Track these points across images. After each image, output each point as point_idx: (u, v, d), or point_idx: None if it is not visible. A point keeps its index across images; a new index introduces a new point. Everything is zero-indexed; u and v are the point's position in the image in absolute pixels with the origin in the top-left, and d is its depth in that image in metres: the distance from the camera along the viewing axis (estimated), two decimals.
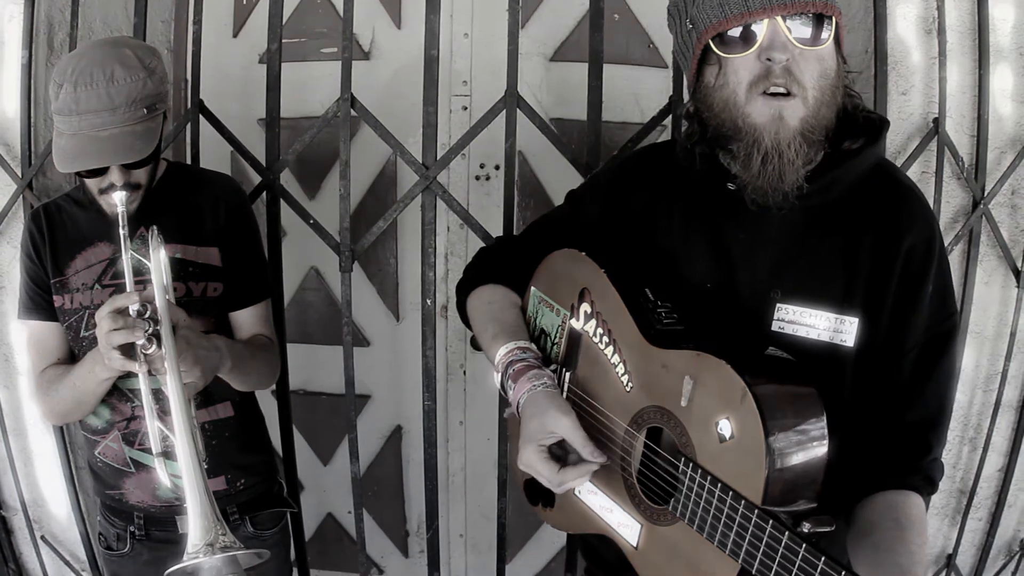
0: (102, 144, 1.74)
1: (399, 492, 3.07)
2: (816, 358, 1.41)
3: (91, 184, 1.83)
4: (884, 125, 1.49)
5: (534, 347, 1.61)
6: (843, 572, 1.11)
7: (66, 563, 2.85)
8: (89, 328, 1.88)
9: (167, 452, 1.67)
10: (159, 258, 1.74)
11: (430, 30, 2.22)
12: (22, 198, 2.51)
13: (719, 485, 1.27)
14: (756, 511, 1.21)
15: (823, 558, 1.13)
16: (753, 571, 1.22)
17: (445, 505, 2.96)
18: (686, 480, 1.33)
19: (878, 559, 1.33)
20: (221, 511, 1.99)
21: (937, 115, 2.43)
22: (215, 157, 2.49)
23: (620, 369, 1.49)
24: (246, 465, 2.09)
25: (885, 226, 1.44)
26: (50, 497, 2.80)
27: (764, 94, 1.35)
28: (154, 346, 1.63)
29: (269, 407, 2.42)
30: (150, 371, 1.67)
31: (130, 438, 1.96)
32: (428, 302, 2.32)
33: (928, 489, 1.45)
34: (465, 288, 1.80)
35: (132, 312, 1.63)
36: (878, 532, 1.37)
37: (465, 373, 2.93)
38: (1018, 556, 2.87)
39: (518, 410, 1.52)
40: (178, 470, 1.57)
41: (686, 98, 2.19)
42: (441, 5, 2.23)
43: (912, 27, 2.45)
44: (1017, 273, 2.59)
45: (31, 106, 2.48)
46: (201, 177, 2.09)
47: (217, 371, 1.81)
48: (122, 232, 1.73)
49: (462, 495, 3.04)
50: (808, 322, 1.44)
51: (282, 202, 2.37)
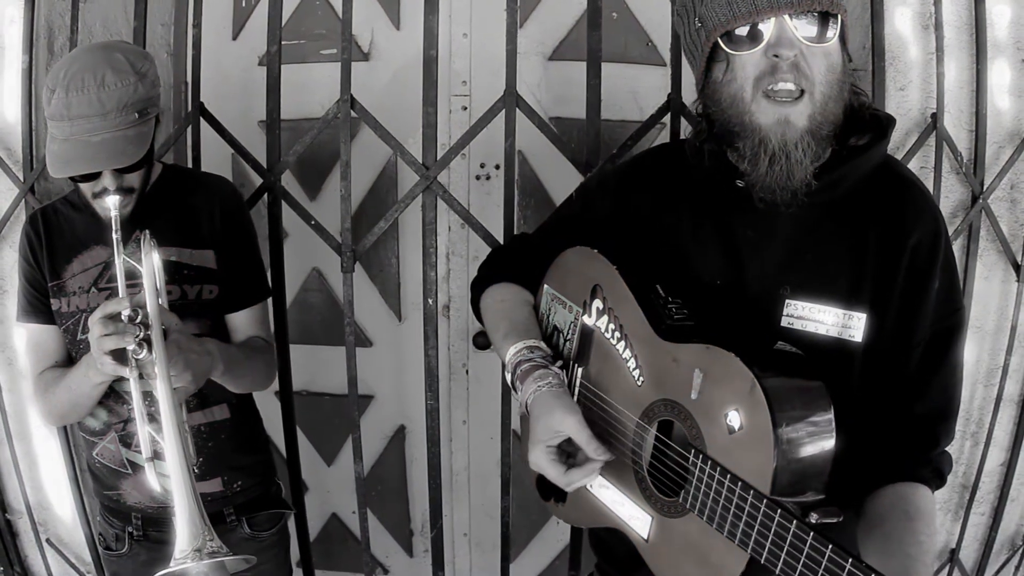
0: (93, 149, 1.75)
1: (403, 492, 3.07)
2: (825, 353, 1.42)
3: (84, 188, 1.84)
4: (891, 123, 1.50)
5: (544, 346, 1.62)
6: (850, 560, 1.13)
7: (72, 566, 2.85)
8: (86, 331, 1.88)
9: (157, 455, 1.68)
10: (151, 262, 1.74)
11: (429, 30, 2.23)
12: (24, 202, 2.51)
13: (728, 476, 1.28)
14: (765, 501, 1.23)
15: (830, 546, 1.15)
16: (762, 561, 1.24)
17: (449, 504, 2.96)
18: (696, 472, 1.34)
19: (888, 549, 1.34)
20: (217, 512, 2.02)
21: (935, 110, 2.43)
22: (216, 159, 2.50)
23: (631, 364, 1.50)
24: (243, 467, 2.09)
25: (891, 222, 1.45)
26: (55, 500, 2.80)
27: (769, 96, 1.37)
28: (145, 351, 1.63)
29: (272, 408, 2.44)
30: (141, 375, 1.67)
31: (127, 440, 1.97)
32: (430, 302, 2.32)
33: (936, 481, 1.46)
34: (479, 286, 1.82)
35: (124, 317, 1.64)
36: (887, 523, 1.39)
37: (468, 372, 2.93)
38: (1021, 550, 2.87)
39: (527, 410, 1.54)
40: (167, 473, 1.57)
41: (685, 96, 2.22)
42: (439, 5, 2.24)
43: (909, 23, 2.45)
44: (1017, 267, 2.59)
45: (32, 110, 2.48)
46: (196, 179, 2.10)
47: (209, 375, 1.81)
48: (114, 236, 1.73)
49: (466, 494, 3.05)
50: (816, 318, 1.46)
51: (283, 203, 2.38)
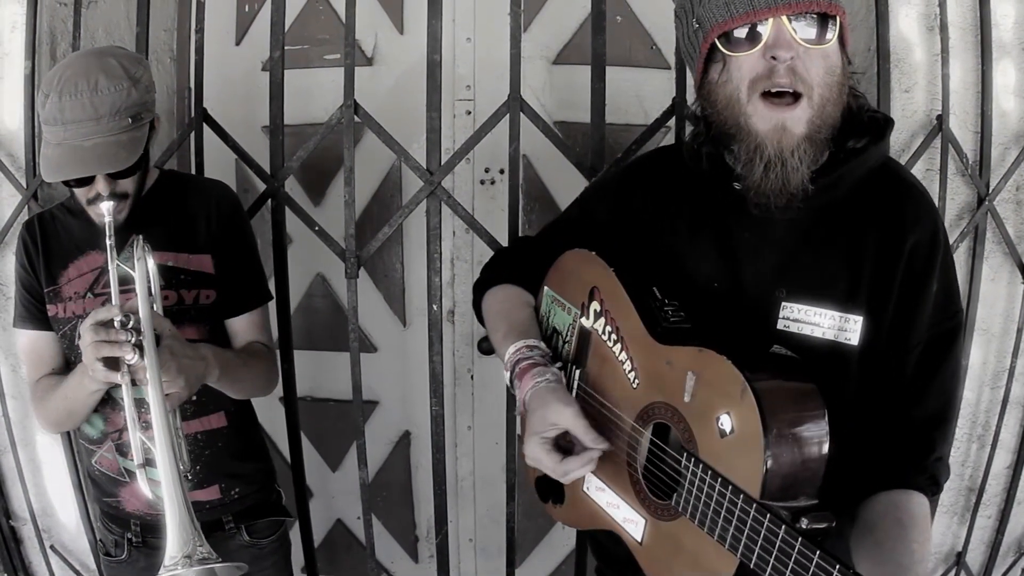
0: (86, 153, 1.74)
1: (408, 497, 3.07)
2: (821, 356, 1.42)
3: (79, 194, 1.84)
4: (889, 124, 1.49)
5: (543, 345, 1.62)
6: (837, 566, 1.12)
7: (75, 572, 2.84)
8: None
9: (149, 462, 1.67)
10: (144, 268, 1.73)
11: (432, 35, 2.22)
12: (27, 208, 2.51)
13: (719, 480, 1.28)
14: (754, 505, 1.23)
15: (818, 552, 1.14)
16: (751, 566, 1.24)
17: (454, 510, 2.96)
18: (688, 475, 1.34)
19: (880, 557, 1.33)
20: (216, 520, 2.02)
21: (940, 112, 2.43)
22: (219, 165, 2.50)
23: (627, 366, 1.50)
24: (241, 474, 2.08)
25: (889, 225, 1.45)
26: (59, 506, 2.80)
27: (766, 97, 1.36)
28: (136, 356, 1.63)
29: (277, 414, 2.43)
30: (134, 381, 1.66)
31: (124, 448, 1.96)
32: (435, 307, 2.32)
33: (932, 489, 1.45)
34: (481, 288, 1.82)
35: (115, 323, 1.63)
36: (880, 531, 1.38)
37: (473, 378, 2.93)
38: None
39: (524, 407, 1.54)
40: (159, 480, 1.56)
41: (690, 99, 2.21)
42: (443, 10, 2.24)
43: (914, 24, 2.45)
44: (1023, 269, 2.58)
45: (35, 116, 2.47)
46: (194, 184, 2.10)
47: (203, 381, 1.80)
48: (108, 242, 1.74)
49: (471, 500, 3.04)
50: (813, 321, 1.45)
51: (287, 209, 2.37)
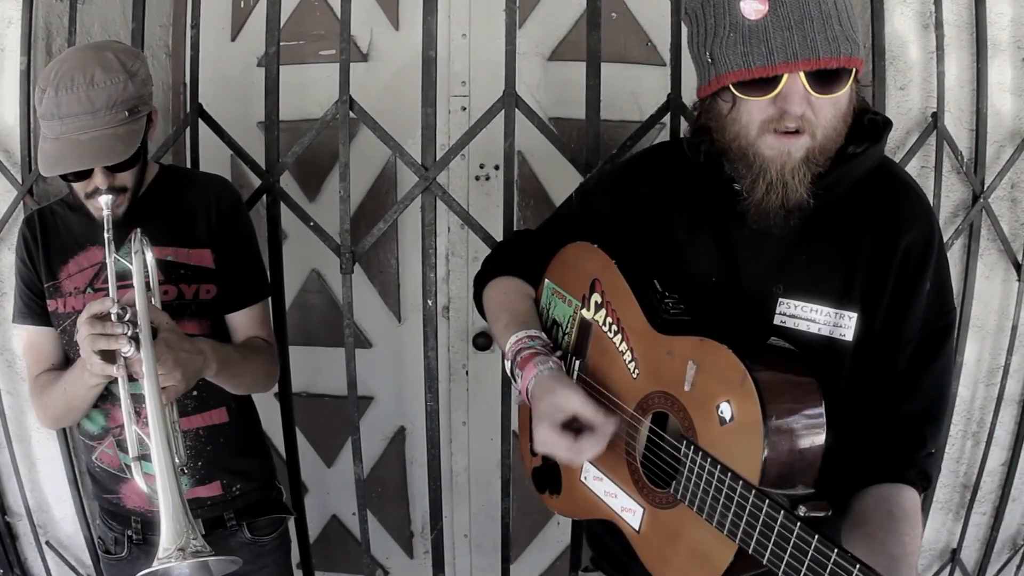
0: (83, 147, 1.74)
1: (403, 493, 3.07)
2: (816, 352, 1.43)
3: (77, 188, 1.83)
4: (887, 126, 1.50)
5: (543, 335, 1.63)
6: (835, 550, 1.13)
7: (71, 568, 2.84)
8: None
9: (144, 456, 1.67)
10: (142, 261, 1.73)
11: (427, 31, 2.22)
12: (22, 204, 2.50)
13: (719, 467, 1.30)
14: (753, 491, 1.24)
15: (816, 536, 1.16)
16: (750, 551, 1.25)
17: (449, 506, 2.97)
18: (687, 462, 1.36)
19: (871, 549, 1.34)
20: (218, 517, 2.01)
21: (936, 110, 2.43)
22: (215, 161, 2.49)
23: (627, 356, 1.52)
24: (242, 471, 2.08)
25: (884, 223, 1.46)
26: (54, 502, 2.80)
27: (774, 132, 1.37)
28: (133, 349, 1.63)
29: (272, 409, 2.43)
30: (131, 375, 1.66)
31: (125, 445, 1.93)
32: (429, 303, 2.32)
33: (922, 483, 1.47)
34: (482, 280, 1.84)
35: (112, 316, 1.63)
36: (871, 523, 1.39)
37: (467, 373, 2.93)
38: (1023, 550, 2.87)
39: (528, 397, 1.54)
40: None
41: (685, 96, 2.21)
42: (438, 6, 2.23)
43: (909, 22, 2.45)
44: (1018, 267, 2.58)
45: (30, 112, 2.47)
46: (193, 179, 2.09)
47: (201, 375, 1.80)
48: (106, 236, 1.73)
49: (466, 495, 3.05)
50: (809, 317, 1.47)
51: (282, 205, 2.37)
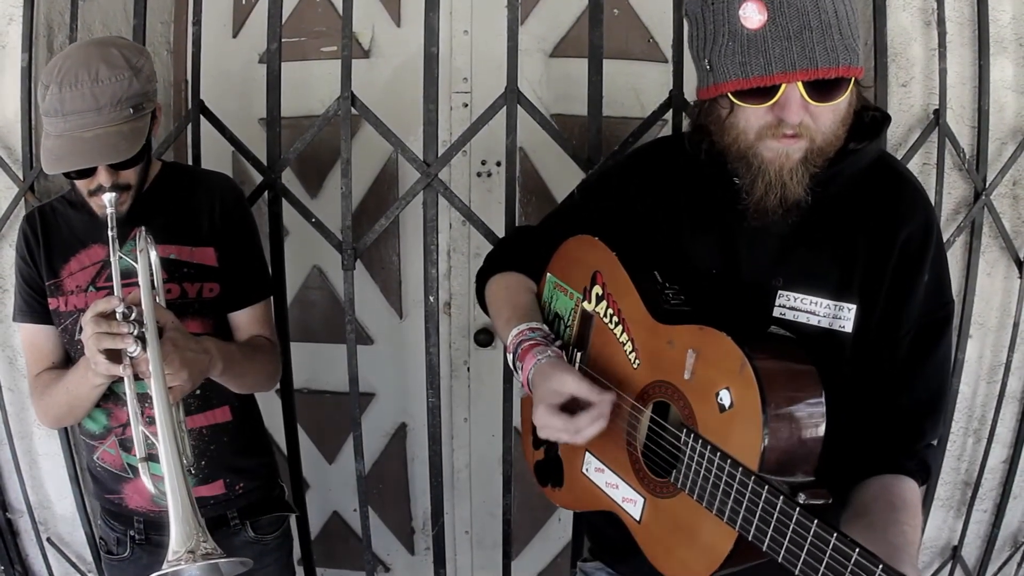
0: (87, 144, 1.73)
1: (404, 490, 3.07)
2: (816, 343, 1.44)
3: (80, 186, 1.82)
4: (886, 121, 1.51)
5: (545, 327, 1.64)
6: (835, 534, 1.14)
7: (72, 564, 2.85)
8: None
9: (151, 456, 1.66)
10: (146, 259, 1.73)
11: (429, 27, 2.22)
12: (24, 201, 2.50)
13: (718, 454, 1.30)
14: (753, 477, 1.25)
15: (816, 521, 1.16)
16: (750, 537, 1.26)
17: (450, 502, 2.97)
18: (687, 451, 1.36)
19: (871, 539, 1.34)
20: (221, 516, 2.00)
21: (938, 107, 2.43)
22: (216, 157, 2.49)
23: (628, 347, 1.53)
24: (245, 469, 2.07)
25: (883, 216, 1.47)
26: (56, 499, 2.80)
27: (772, 136, 1.38)
28: (139, 348, 1.62)
29: (273, 406, 2.43)
30: (136, 375, 1.65)
31: (127, 444, 1.95)
32: (431, 299, 2.32)
33: (922, 475, 1.48)
34: (484, 276, 1.84)
35: (118, 315, 1.62)
36: (871, 513, 1.40)
37: (469, 370, 2.93)
38: None
39: (529, 387, 1.55)
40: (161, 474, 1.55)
41: (687, 92, 2.21)
42: (440, 2, 2.23)
43: (911, 19, 2.44)
44: (1019, 264, 2.58)
45: (32, 109, 2.47)
46: (196, 177, 2.08)
47: (206, 374, 1.79)
48: (110, 234, 1.73)
49: (467, 492, 3.05)
50: (808, 309, 1.48)
51: (284, 201, 2.37)
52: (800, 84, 1.31)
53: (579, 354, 1.64)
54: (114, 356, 1.64)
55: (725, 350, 1.32)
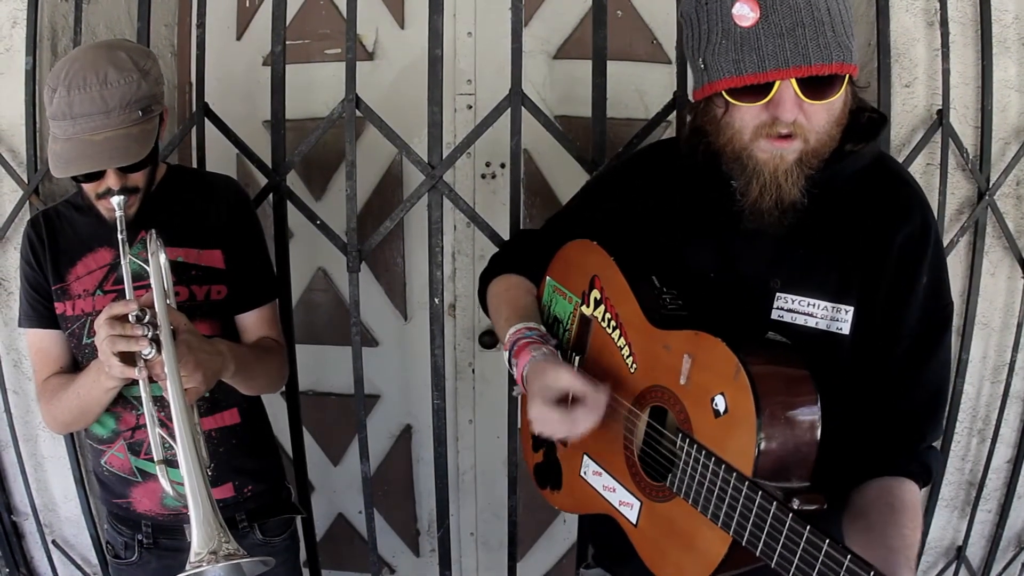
0: (96, 147, 1.73)
1: (409, 491, 3.08)
2: (814, 346, 1.45)
3: (88, 189, 1.82)
4: (883, 122, 1.52)
5: (542, 328, 1.66)
6: (827, 541, 1.15)
7: (77, 567, 2.85)
8: (91, 335, 1.86)
9: (169, 460, 1.65)
10: (159, 262, 1.73)
11: (433, 30, 2.22)
12: (28, 204, 2.51)
13: (713, 459, 1.32)
14: (747, 483, 1.26)
15: (808, 527, 1.17)
16: (743, 542, 1.27)
17: (456, 504, 2.97)
18: (683, 455, 1.37)
19: (870, 541, 1.36)
20: (229, 519, 1.99)
21: (941, 107, 2.43)
22: (220, 160, 2.50)
23: (625, 352, 1.54)
24: (253, 471, 2.08)
25: (880, 218, 1.47)
26: (61, 501, 2.80)
27: (767, 136, 1.38)
28: (154, 351, 1.62)
29: (279, 408, 2.43)
30: (150, 377, 1.65)
31: (136, 448, 1.95)
32: (436, 301, 2.32)
33: (923, 476, 1.48)
34: (486, 278, 1.86)
35: (131, 318, 1.62)
36: (871, 515, 1.41)
37: (474, 372, 2.93)
38: None
39: (523, 384, 1.56)
40: (180, 477, 1.55)
41: (690, 93, 2.21)
42: (444, 5, 2.23)
43: (914, 19, 2.44)
44: (1023, 264, 2.58)
45: (36, 112, 2.47)
46: (202, 179, 2.09)
47: (220, 376, 1.79)
48: (120, 237, 1.73)
49: (472, 493, 3.05)
50: (806, 311, 1.48)
51: (289, 203, 2.37)
52: (794, 81, 1.31)
53: (577, 358, 1.65)
54: (128, 359, 1.64)
55: (720, 356, 1.33)
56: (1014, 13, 2.45)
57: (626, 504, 1.52)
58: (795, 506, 1.22)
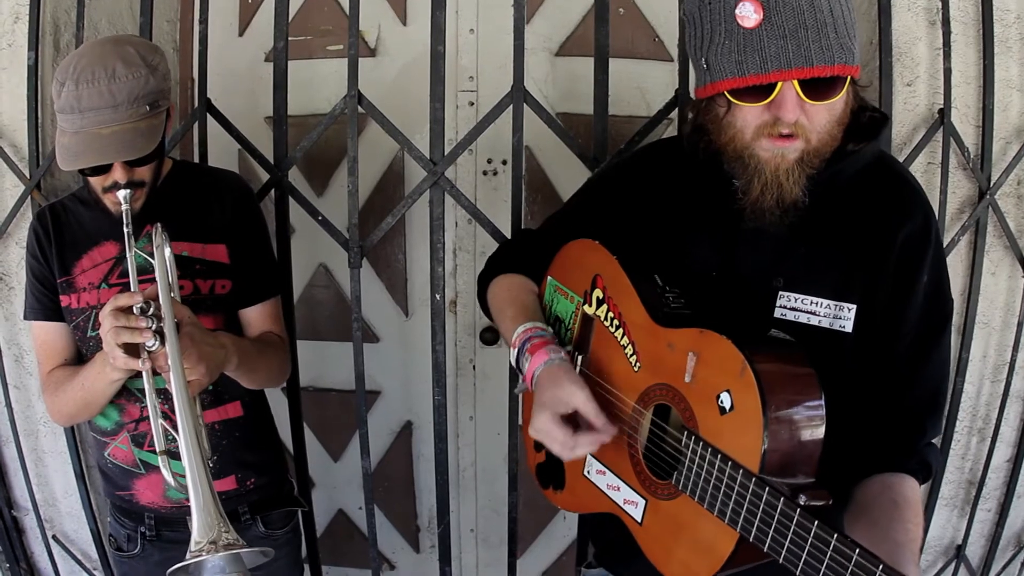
0: (104, 141, 1.74)
1: (410, 487, 3.08)
2: (816, 344, 1.45)
3: (95, 183, 1.83)
4: (885, 122, 1.52)
5: (550, 329, 1.65)
6: (835, 535, 1.15)
7: (77, 562, 2.85)
8: (96, 328, 1.88)
9: (171, 451, 1.67)
10: (163, 255, 1.74)
11: (436, 26, 2.22)
12: (30, 199, 2.51)
13: (719, 456, 1.32)
14: (753, 479, 1.26)
15: (816, 522, 1.18)
16: (751, 538, 1.27)
17: (456, 500, 2.97)
18: (688, 453, 1.37)
19: (874, 536, 1.36)
20: (232, 511, 2.01)
21: (942, 106, 2.43)
22: (223, 156, 2.50)
23: (629, 350, 1.53)
24: (256, 464, 2.09)
25: (882, 216, 1.48)
26: (61, 496, 2.80)
27: (768, 135, 1.39)
28: (157, 343, 1.63)
29: (280, 404, 2.43)
30: (154, 369, 1.67)
31: (139, 439, 1.96)
32: (437, 297, 2.32)
33: (923, 473, 1.49)
34: (486, 278, 1.85)
35: (136, 310, 1.64)
36: (874, 511, 1.42)
37: (475, 368, 2.93)
38: None
39: (532, 383, 1.56)
40: (182, 469, 1.56)
41: (692, 91, 2.21)
42: (446, 1, 2.23)
43: (916, 18, 2.45)
44: None
45: (38, 107, 2.48)
46: (207, 174, 2.10)
47: (223, 368, 1.81)
48: (126, 230, 1.74)
49: (473, 490, 3.05)
50: (809, 309, 1.49)
51: (290, 199, 2.37)
52: (796, 82, 1.32)
53: (580, 357, 1.64)
54: (131, 350, 1.65)
55: (725, 353, 1.33)
56: (1016, 13, 2.46)
57: (631, 502, 1.51)
58: (802, 502, 1.22)
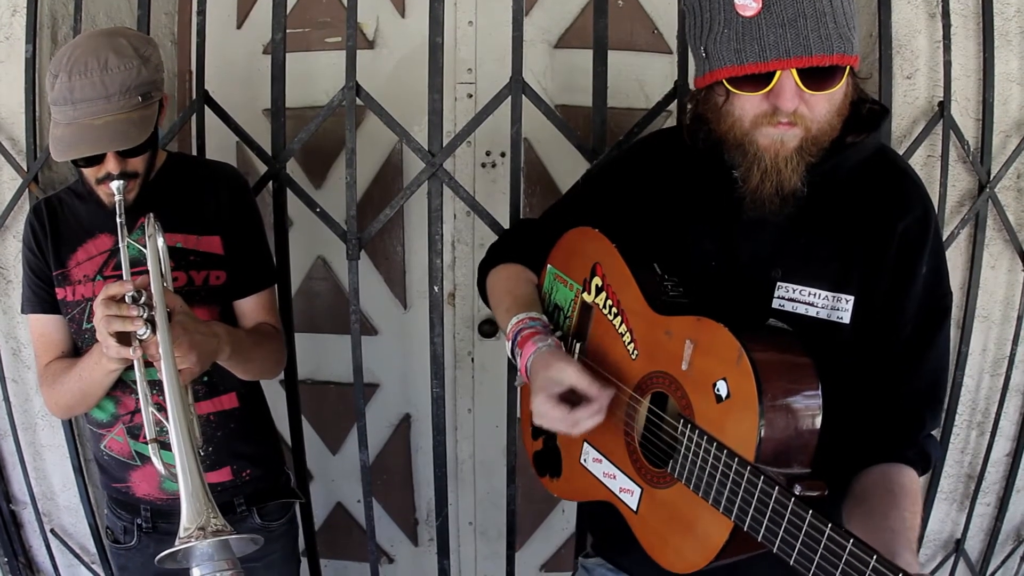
0: (97, 132, 1.75)
1: (408, 480, 3.08)
2: (815, 335, 1.45)
3: (88, 174, 1.84)
4: (884, 114, 1.52)
5: (544, 318, 1.66)
6: (829, 525, 1.15)
7: (75, 556, 2.85)
8: (91, 320, 1.87)
9: (163, 442, 1.67)
10: (155, 244, 1.74)
11: (434, 18, 2.22)
12: (27, 192, 2.51)
13: (715, 444, 1.32)
14: (749, 467, 1.26)
15: (810, 512, 1.18)
16: (745, 528, 1.27)
17: (454, 493, 2.97)
18: (684, 441, 1.37)
19: (872, 525, 1.36)
20: (228, 502, 2.01)
21: (942, 99, 2.43)
22: (220, 147, 2.50)
23: (627, 338, 1.54)
24: (252, 455, 2.09)
25: (881, 209, 1.48)
26: (59, 490, 2.80)
27: (768, 123, 1.39)
28: (148, 331, 1.64)
29: (278, 397, 2.43)
30: (146, 359, 1.67)
31: (135, 431, 1.96)
32: (435, 289, 2.32)
33: (922, 464, 1.50)
34: (485, 267, 1.86)
35: (127, 298, 1.64)
36: (871, 500, 1.42)
37: (473, 360, 2.93)
38: None
39: (527, 374, 1.56)
40: (173, 459, 1.56)
41: (691, 83, 2.21)
42: None
43: (916, 11, 2.44)
44: (1023, 257, 2.58)
45: (35, 100, 2.47)
46: (202, 166, 2.10)
47: (215, 358, 1.81)
48: (119, 220, 1.75)
49: (471, 483, 3.06)
50: (807, 300, 1.49)
51: (288, 191, 2.37)
52: (794, 71, 1.32)
53: (578, 345, 1.65)
54: (124, 339, 1.66)
55: (723, 341, 1.33)
56: (1016, 6, 2.45)
57: (626, 491, 1.52)
58: (797, 492, 1.22)
